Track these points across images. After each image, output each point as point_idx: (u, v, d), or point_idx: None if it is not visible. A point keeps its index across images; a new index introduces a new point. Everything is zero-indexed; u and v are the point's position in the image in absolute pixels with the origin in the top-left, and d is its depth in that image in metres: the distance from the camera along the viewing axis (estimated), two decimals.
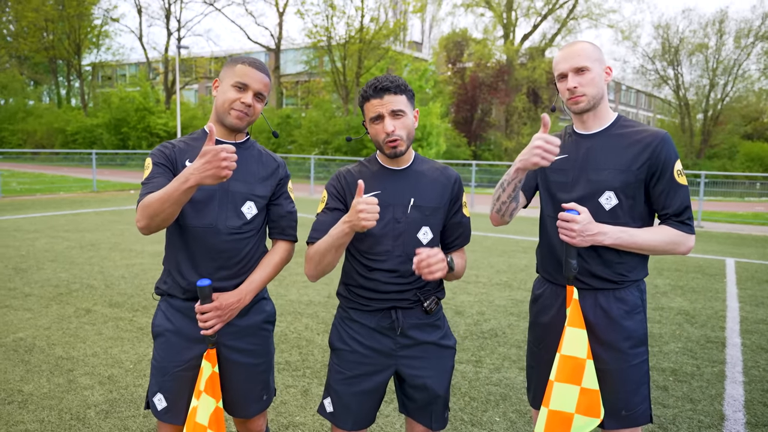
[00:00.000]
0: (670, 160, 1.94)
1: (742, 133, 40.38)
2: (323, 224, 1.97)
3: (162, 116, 36.33)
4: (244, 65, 1.95)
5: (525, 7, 38.29)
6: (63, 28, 39.59)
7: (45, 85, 49.65)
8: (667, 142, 1.94)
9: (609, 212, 1.97)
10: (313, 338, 4.74)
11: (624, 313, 2.00)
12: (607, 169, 1.97)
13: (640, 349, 2.02)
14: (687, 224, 1.97)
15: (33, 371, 3.90)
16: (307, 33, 33.92)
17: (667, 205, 1.96)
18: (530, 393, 2.27)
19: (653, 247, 1.95)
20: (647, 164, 1.94)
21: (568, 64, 1.98)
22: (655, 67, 40.13)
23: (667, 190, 1.95)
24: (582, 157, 2.03)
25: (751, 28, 36.66)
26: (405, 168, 2.03)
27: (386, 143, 1.91)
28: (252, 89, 1.94)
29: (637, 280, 2.04)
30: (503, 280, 7.08)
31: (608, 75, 2.02)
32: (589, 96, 1.97)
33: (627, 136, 1.99)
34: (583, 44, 2.01)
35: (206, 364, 1.93)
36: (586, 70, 1.96)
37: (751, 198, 21.63)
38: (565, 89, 2.00)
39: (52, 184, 20.02)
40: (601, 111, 2.03)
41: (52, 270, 6.87)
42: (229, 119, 1.96)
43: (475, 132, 37.87)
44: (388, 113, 1.88)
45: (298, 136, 33.30)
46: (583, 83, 1.96)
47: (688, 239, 1.97)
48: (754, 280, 7.49)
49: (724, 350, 4.67)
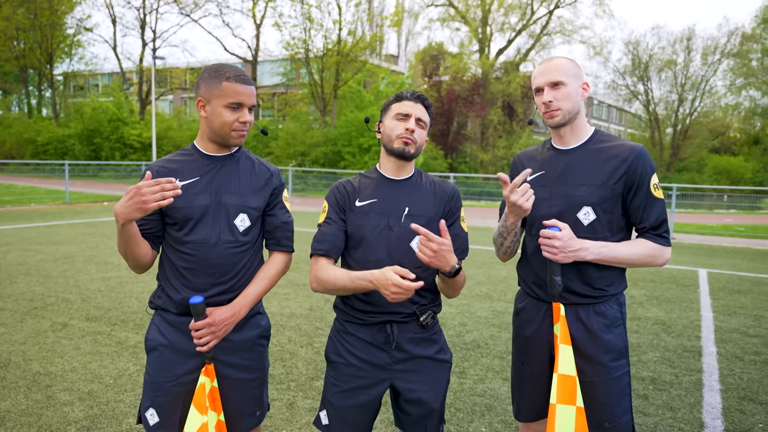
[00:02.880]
0: (647, 174, 1.96)
1: (709, 147, 41.50)
2: (327, 235, 1.99)
3: (136, 127, 35.84)
4: (232, 82, 1.89)
5: (500, 23, 38.94)
6: (35, 36, 38.86)
7: (15, 94, 48.60)
8: (643, 157, 1.97)
9: (587, 227, 1.99)
10: (296, 351, 4.71)
11: (604, 327, 2.02)
12: (585, 185, 1.99)
13: (621, 362, 2.03)
14: (664, 237, 2.00)
15: (9, 387, 3.79)
16: (285, 45, 33.99)
17: (644, 219, 1.99)
18: (515, 405, 2.29)
19: (632, 260, 1.98)
20: (624, 179, 1.96)
21: (544, 79, 2.01)
22: (625, 82, 41.13)
23: (644, 204, 1.98)
24: (560, 172, 2.05)
25: (717, 46, 37.91)
26: (404, 179, 2.05)
27: (401, 137, 1.97)
28: (246, 106, 1.93)
29: (617, 293, 2.06)
30: (483, 291, 7.14)
31: (585, 91, 2.05)
32: (565, 110, 2.00)
33: (604, 150, 2.01)
34: (561, 59, 2.04)
35: (205, 380, 1.91)
36: (562, 85, 1.99)
37: (720, 210, 22.20)
38: (541, 103, 2.03)
39: (23, 195, 19.57)
40: (578, 126, 2.06)
41: (25, 284, 6.71)
42: (231, 141, 1.96)
43: (452, 144, 38.19)
44: (415, 117, 1.99)
45: (275, 148, 33.19)
46: (559, 98, 1.99)
47: (664, 251, 2.00)
48: (726, 290, 7.69)
49: (701, 359, 4.78)
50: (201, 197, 1.95)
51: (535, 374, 2.15)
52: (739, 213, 21.71)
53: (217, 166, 2.00)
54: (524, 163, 2.20)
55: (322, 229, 2.02)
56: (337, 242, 2.00)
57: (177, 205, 1.93)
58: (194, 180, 1.97)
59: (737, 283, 8.18)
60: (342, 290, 1.92)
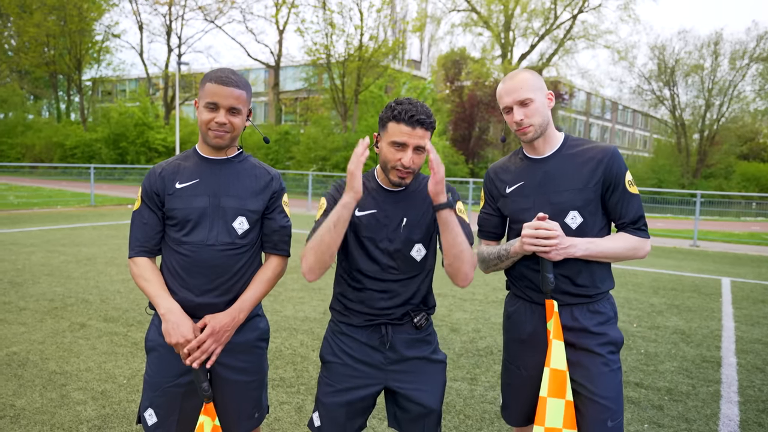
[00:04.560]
0: (622, 172, 2.03)
1: (738, 153, 40.65)
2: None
3: (161, 131, 36.49)
4: (212, 83, 1.91)
5: (523, 28, 38.71)
6: (64, 43, 39.83)
7: (45, 99, 49.81)
8: (617, 157, 2.03)
9: (576, 231, 2.04)
10: (308, 354, 4.72)
11: (599, 324, 2.05)
12: (567, 190, 2.04)
13: (616, 356, 2.07)
14: (643, 230, 2.07)
15: (26, 386, 3.87)
16: (307, 50, 34.22)
17: (623, 215, 2.05)
18: (505, 410, 2.30)
19: (617, 253, 2.03)
20: (602, 179, 2.02)
21: (511, 98, 2.04)
22: (651, 87, 40.47)
23: (621, 201, 2.04)
24: (539, 181, 2.09)
25: (745, 50, 37.08)
26: (401, 190, 2.04)
27: (396, 171, 1.91)
28: (223, 107, 1.91)
29: (607, 291, 2.11)
30: (499, 297, 7.07)
31: (550, 101, 2.10)
32: (536, 125, 2.04)
33: (579, 155, 2.07)
34: (523, 75, 2.07)
35: (205, 419, 1.91)
36: (530, 102, 2.02)
37: (747, 218, 21.71)
38: (512, 122, 2.06)
39: (50, 198, 20.01)
40: (550, 135, 2.11)
41: (47, 284, 6.85)
42: (210, 140, 1.98)
43: (473, 150, 38.06)
44: (413, 147, 1.88)
45: (296, 153, 33.42)
46: (529, 114, 2.03)
47: (645, 244, 2.07)
48: (750, 299, 7.50)
49: (720, 370, 4.67)
50: (199, 199, 1.97)
51: (532, 378, 2.13)
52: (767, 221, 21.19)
53: (216, 169, 2.02)
54: (499, 175, 2.22)
55: (318, 222, 1.95)
56: None
57: (176, 206, 1.96)
58: (193, 182, 1.99)
59: (761, 293, 7.98)
60: (326, 232, 1.82)
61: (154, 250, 2.03)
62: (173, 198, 1.97)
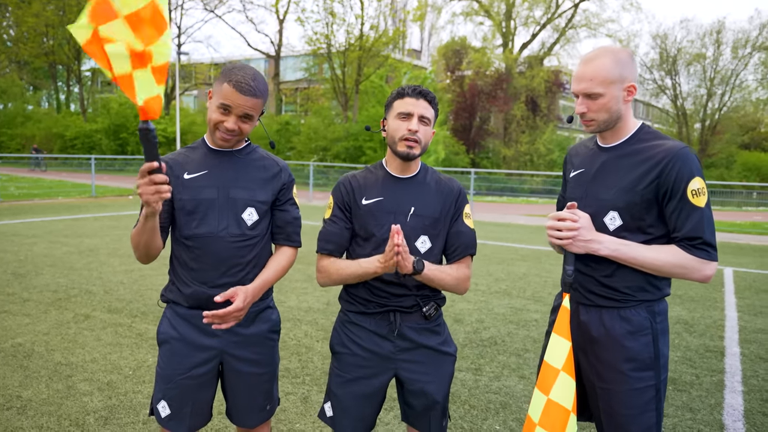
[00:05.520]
0: (683, 178, 1.77)
1: (739, 143, 40.58)
2: (333, 235, 2.03)
3: (161, 122, 36.36)
4: (230, 86, 1.84)
5: (524, 17, 38.50)
6: (63, 33, 39.58)
7: (44, 90, 49.65)
8: (681, 159, 1.77)
9: (613, 233, 1.87)
10: (312, 345, 4.73)
11: (626, 333, 1.88)
12: (614, 187, 1.87)
13: (645, 374, 1.88)
14: (701, 249, 1.79)
15: (32, 377, 3.88)
16: (307, 40, 34.09)
17: (678, 227, 1.80)
18: None
19: (657, 266, 1.81)
20: (656, 183, 1.79)
21: (579, 87, 1.86)
22: (653, 76, 40.33)
23: (678, 210, 1.79)
24: (595, 171, 1.95)
25: (748, 39, 36.93)
26: (410, 177, 2.05)
27: (404, 140, 1.95)
28: (235, 113, 1.89)
29: (647, 300, 1.89)
30: (502, 288, 7.08)
31: (630, 93, 1.86)
32: (599, 121, 1.87)
33: (642, 151, 1.86)
34: (602, 62, 1.82)
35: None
36: (598, 97, 1.83)
37: (749, 207, 21.69)
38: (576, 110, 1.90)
39: (51, 189, 20.00)
40: (620, 127, 1.91)
41: (50, 275, 6.86)
42: (215, 139, 1.97)
43: (474, 140, 37.95)
44: (418, 115, 1.96)
45: (297, 143, 33.38)
46: (594, 109, 1.85)
47: (703, 266, 1.79)
48: (752, 289, 7.51)
49: (723, 359, 4.68)
50: (208, 190, 1.96)
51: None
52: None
53: (225, 161, 2.01)
54: (572, 158, 2.13)
55: (327, 228, 2.06)
56: (342, 241, 2.04)
57: (184, 197, 1.95)
58: (202, 173, 1.98)
59: (764, 283, 7.98)
60: (350, 279, 1.97)
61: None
62: (182, 189, 1.96)
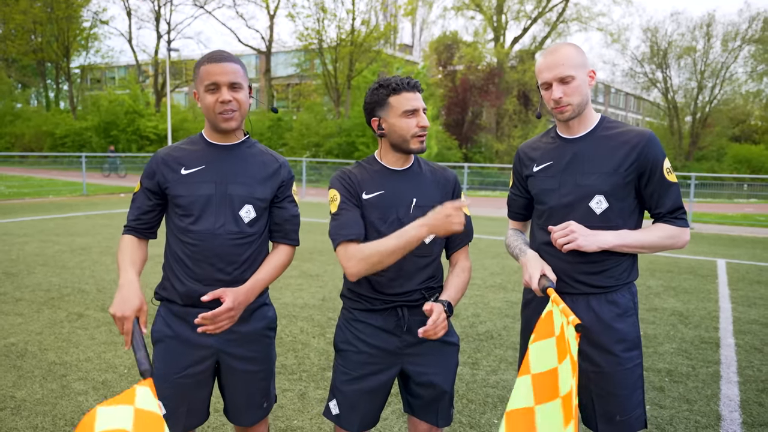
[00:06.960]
0: (659, 159, 1.91)
1: (729, 136, 40.80)
2: (350, 221, 1.92)
3: (152, 119, 36.18)
4: (206, 64, 1.87)
5: (515, 11, 38.53)
6: (51, 30, 39.25)
7: (33, 87, 49.19)
8: (653, 142, 1.92)
9: (600, 216, 1.94)
10: (308, 341, 4.71)
11: (616, 316, 1.97)
12: (596, 173, 1.94)
13: (633, 353, 1.99)
14: (681, 218, 1.97)
15: (25, 377, 3.84)
16: (298, 36, 33.94)
17: (660, 205, 1.95)
18: None
19: (654, 244, 1.94)
20: (635, 165, 1.91)
21: (552, 74, 1.92)
22: (644, 70, 40.49)
23: (658, 190, 1.93)
24: (568, 161, 2.00)
25: (738, 32, 37.11)
26: (406, 168, 2.03)
27: (417, 137, 1.93)
28: (223, 84, 1.86)
29: (629, 282, 2.02)
30: (497, 282, 7.09)
31: (592, 78, 1.98)
32: (575, 105, 1.93)
33: (613, 137, 1.96)
34: (567, 50, 1.93)
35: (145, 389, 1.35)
36: (571, 80, 1.90)
37: (740, 199, 21.85)
38: (549, 98, 1.95)
39: (41, 187, 19.84)
40: (586, 115, 2.00)
41: (42, 274, 6.79)
42: (220, 125, 1.91)
43: (466, 134, 37.98)
44: (422, 109, 1.94)
45: (289, 139, 33.24)
46: (569, 92, 1.91)
47: (683, 233, 1.97)
48: (745, 280, 7.55)
49: (719, 351, 4.70)
50: (205, 186, 1.93)
51: None
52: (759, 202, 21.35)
53: (224, 155, 1.98)
54: (529, 154, 2.14)
55: (341, 217, 1.93)
56: (361, 227, 1.93)
57: (181, 193, 1.92)
58: (199, 169, 1.95)
59: (757, 274, 8.03)
60: (395, 253, 1.83)
61: (143, 233, 2.00)
62: (178, 184, 1.93)
